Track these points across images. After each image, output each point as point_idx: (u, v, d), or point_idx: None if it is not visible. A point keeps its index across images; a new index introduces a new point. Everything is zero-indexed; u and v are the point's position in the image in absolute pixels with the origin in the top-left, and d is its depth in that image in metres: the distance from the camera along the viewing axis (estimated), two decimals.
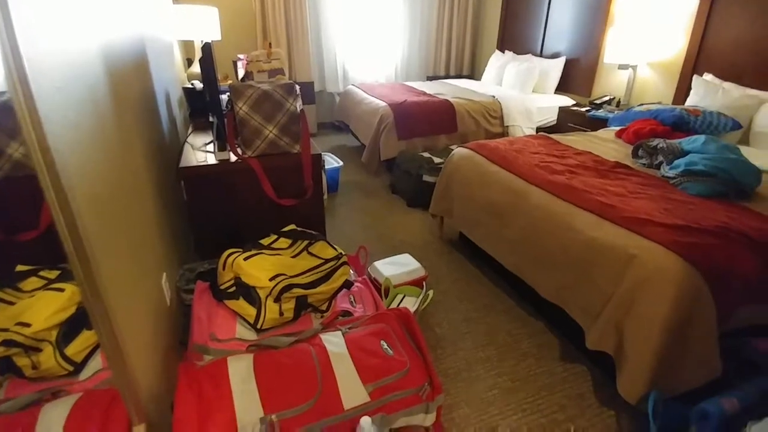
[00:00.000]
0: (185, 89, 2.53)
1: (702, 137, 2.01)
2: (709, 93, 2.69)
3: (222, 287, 1.38)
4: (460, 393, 1.62)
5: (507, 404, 1.58)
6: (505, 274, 2.12)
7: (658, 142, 2.13)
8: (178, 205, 1.99)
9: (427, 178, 3.01)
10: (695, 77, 2.88)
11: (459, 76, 5.33)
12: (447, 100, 3.77)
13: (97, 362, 0.88)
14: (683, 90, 3.01)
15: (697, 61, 2.96)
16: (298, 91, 1.72)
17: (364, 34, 4.83)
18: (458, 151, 2.47)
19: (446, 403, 1.57)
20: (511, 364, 1.75)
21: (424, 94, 4.01)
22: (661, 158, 2.09)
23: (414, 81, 5.01)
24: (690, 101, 2.83)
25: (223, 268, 1.39)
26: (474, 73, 5.43)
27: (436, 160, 3.10)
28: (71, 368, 0.85)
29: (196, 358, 1.22)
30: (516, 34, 4.67)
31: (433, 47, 5.18)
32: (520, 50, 4.57)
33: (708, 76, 2.84)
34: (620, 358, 1.45)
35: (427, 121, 3.63)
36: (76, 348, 0.85)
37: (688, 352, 1.36)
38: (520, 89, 4.09)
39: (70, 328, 0.83)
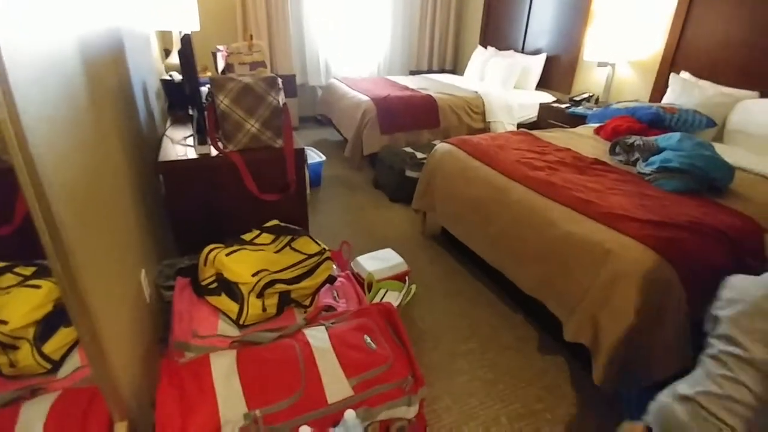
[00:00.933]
0: (163, 81, 2.48)
1: (677, 135, 2.07)
2: (685, 91, 2.77)
3: (203, 283, 1.37)
4: (442, 385, 1.65)
5: (487, 395, 1.61)
6: (486, 268, 2.15)
7: (635, 140, 2.19)
8: (157, 200, 1.95)
9: (409, 173, 3.02)
10: (672, 75, 2.95)
11: (442, 71, 5.35)
12: (430, 95, 3.78)
13: (75, 360, 0.86)
14: (660, 88, 3.09)
15: (674, 60, 3.03)
16: (281, 85, 1.70)
17: (346, 27, 4.80)
18: (441, 146, 2.49)
19: (429, 396, 1.59)
20: (492, 357, 1.79)
21: (407, 88, 4.01)
22: (637, 155, 2.15)
23: (397, 75, 5.00)
24: (666, 99, 2.91)
25: (205, 264, 1.37)
26: (457, 69, 5.45)
27: (419, 155, 3.11)
28: (49, 366, 0.84)
29: (177, 355, 1.20)
30: (498, 30, 4.71)
31: (416, 42, 5.17)
32: (502, 46, 4.61)
33: (685, 75, 2.92)
34: (596, 350, 1.49)
35: (410, 116, 3.64)
36: (54, 345, 0.83)
37: (661, 343, 1.41)
38: (502, 85, 4.13)
39: (48, 326, 0.81)
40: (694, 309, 1.42)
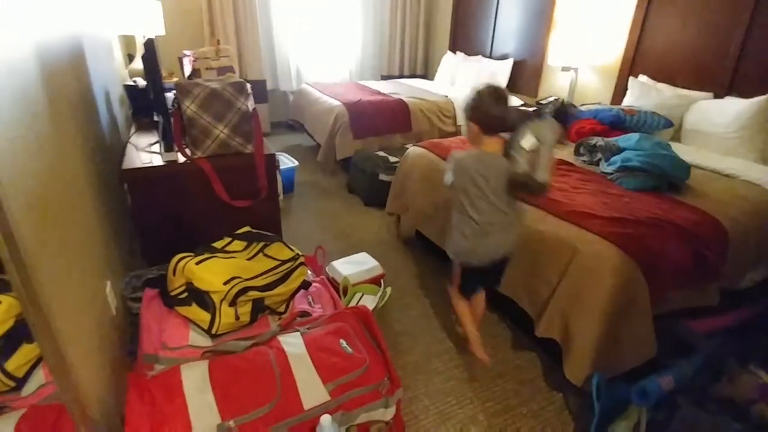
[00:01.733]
0: (126, 87, 2.41)
1: (636, 135, 2.16)
2: (643, 93, 2.90)
3: (173, 293, 1.34)
4: (419, 386, 1.66)
5: (464, 394, 1.63)
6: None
7: (597, 140, 2.28)
8: (122, 210, 1.89)
9: (383, 177, 3.04)
10: (631, 79, 3.08)
11: (413, 76, 5.40)
12: (401, 100, 3.82)
13: (40, 377, 0.83)
14: (621, 91, 3.21)
15: (633, 64, 3.17)
16: (250, 90, 1.69)
17: (317, 32, 4.79)
18: (412, 150, 2.51)
19: (406, 397, 1.60)
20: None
21: (379, 93, 4.04)
22: (600, 155, 2.23)
23: (369, 80, 5.03)
24: (626, 101, 3.03)
25: (174, 274, 1.34)
26: (427, 73, 5.52)
27: (392, 159, 3.13)
28: (13, 384, 0.80)
29: (146, 369, 1.17)
30: (466, 36, 4.80)
31: (387, 47, 5.21)
32: (470, 51, 4.70)
33: (643, 78, 3.06)
34: (566, 344, 1.54)
35: (383, 120, 3.66)
36: (16, 362, 0.80)
37: (627, 335, 1.47)
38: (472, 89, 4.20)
39: (9, 342, 0.78)
40: (656, 301, 1.49)
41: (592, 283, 1.44)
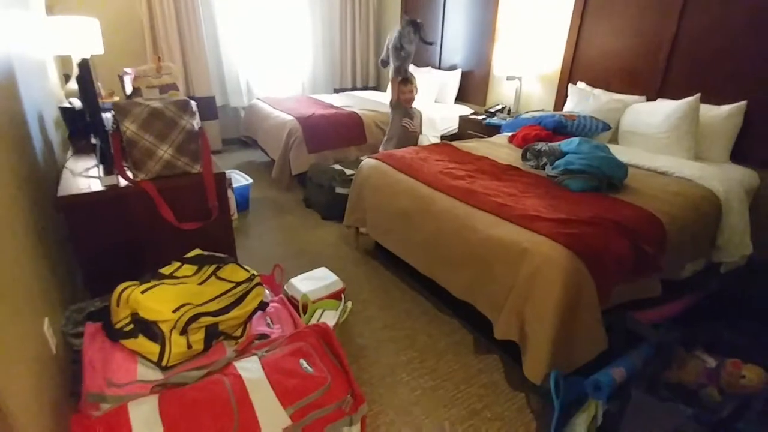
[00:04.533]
0: (62, 109, 2.28)
1: (577, 139, 2.28)
2: (582, 99, 3.06)
3: (117, 326, 1.26)
4: (384, 399, 1.65)
5: (430, 403, 1.64)
6: (420, 278, 2.20)
7: (542, 146, 2.38)
8: (61, 239, 1.78)
9: (339, 190, 3.03)
10: (570, 86, 3.26)
11: (365, 88, 5.45)
12: (355, 112, 3.84)
13: None
14: (562, 97, 3.39)
15: (571, 71, 3.35)
16: (195, 108, 1.64)
17: (267, 47, 4.74)
18: (367, 162, 2.52)
19: (372, 411, 1.58)
20: (431, 364, 1.82)
21: (332, 106, 4.04)
22: (545, 159, 2.33)
23: (321, 94, 5.02)
24: (567, 107, 3.19)
25: (118, 305, 1.27)
26: (380, 85, 5.59)
27: (348, 171, 3.13)
28: None
29: (92, 409, 1.09)
30: (416, 48, 4.90)
31: (339, 61, 5.24)
32: (420, 63, 4.80)
33: (581, 84, 3.24)
34: (524, 344, 1.58)
35: (336, 133, 3.66)
36: None
37: (579, 331, 1.53)
38: (423, 100, 4.29)
39: None
40: (603, 296, 1.56)
41: (542, 282, 1.49)
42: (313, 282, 2.07)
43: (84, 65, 1.52)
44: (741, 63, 2.45)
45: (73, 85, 2.84)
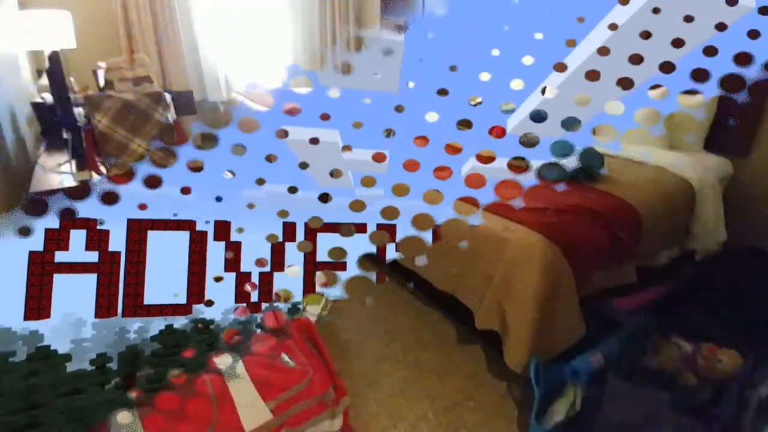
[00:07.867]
0: (34, 104, 2.22)
1: None
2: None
3: None
4: (368, 392, 1.65)
5: (413, 394, 1.65)
6: (402, 270, 2.20)
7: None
8: None
9: None
10: None
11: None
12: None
13: None
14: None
15: None
16: (169, 100, 1.61)
17: (245, 39, 4.65)
18: None
19: (355, 404, 1.58)
20: (414, 356, 1.83)
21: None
22: None
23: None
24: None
25: None
26: None
27: None
28: None
29: None
30: None
31: (318, 49, 5.17)
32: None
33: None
34: (504, 333, 1.60)
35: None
36: None
37: (557, 318, 1.56)
38: None
39: None
40: (580, 283, 1.59)
41: (521, 271, 1.51)
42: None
43: (54, 58, 1.48)
44: None
45: (45, 80, 2.76)
